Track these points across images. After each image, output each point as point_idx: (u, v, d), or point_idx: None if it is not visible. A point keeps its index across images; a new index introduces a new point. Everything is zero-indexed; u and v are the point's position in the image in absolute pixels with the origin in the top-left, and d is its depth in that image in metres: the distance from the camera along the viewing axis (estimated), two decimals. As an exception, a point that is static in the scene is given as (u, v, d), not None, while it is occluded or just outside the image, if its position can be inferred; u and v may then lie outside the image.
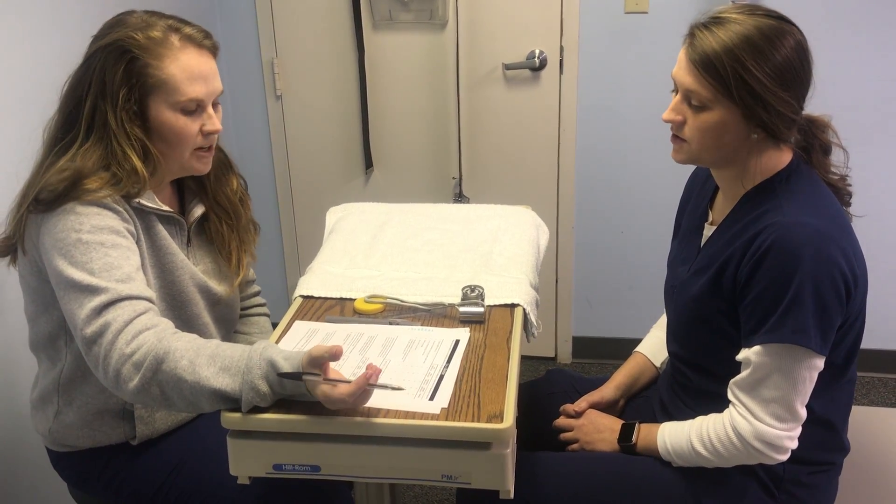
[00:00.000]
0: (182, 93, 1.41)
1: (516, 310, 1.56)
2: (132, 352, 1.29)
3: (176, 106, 1.42)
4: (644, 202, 2.93)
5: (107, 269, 1.34)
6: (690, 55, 1.35)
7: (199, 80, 1.43)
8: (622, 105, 2.84)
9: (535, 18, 2.79)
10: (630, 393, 1.78)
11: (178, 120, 1.43)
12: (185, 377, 1.27)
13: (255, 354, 1.27)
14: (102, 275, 1.34)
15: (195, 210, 1.60)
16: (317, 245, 1.88)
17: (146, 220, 1.48)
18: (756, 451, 1.38)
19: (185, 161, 1.49)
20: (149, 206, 1.47)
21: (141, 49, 1.39)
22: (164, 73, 1.40)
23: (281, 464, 1.29)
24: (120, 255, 1.37)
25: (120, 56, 1.39)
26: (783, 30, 1.34)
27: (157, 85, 1.41)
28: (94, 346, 1.31)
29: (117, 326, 1.30)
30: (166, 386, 1.28)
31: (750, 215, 1.41)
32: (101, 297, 1.32)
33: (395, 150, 3.03)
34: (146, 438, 1.58)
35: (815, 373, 1.35)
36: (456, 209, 2.03)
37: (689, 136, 1.41)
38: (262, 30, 2.94)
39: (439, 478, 1.27)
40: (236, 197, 1.65)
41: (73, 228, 1.36)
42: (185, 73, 1.41)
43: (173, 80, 1.41)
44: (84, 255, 1.35)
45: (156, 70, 1.40)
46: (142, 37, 1.40)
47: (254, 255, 1.73)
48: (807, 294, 1.30)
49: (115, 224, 1.39)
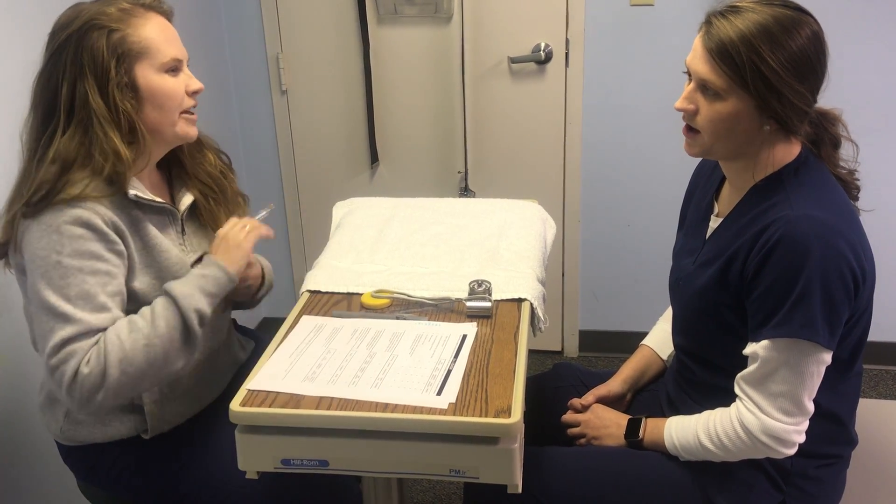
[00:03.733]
0: (164, 53, 1.48)
1: (523, 304, 1.56)
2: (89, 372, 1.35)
3: (162, 67, 1.48)
4: (650, 195, 2.93)
5: (82, 298, 1.38)
6: (706, 43, 1.35)
7: (172, 41, 1.51)
8: (628, 98, 2.83)
9: (540, 11, 2.78)
10: (637, 386, 1.78)
11: (166, 81, 1.48)
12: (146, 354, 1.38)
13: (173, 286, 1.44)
14: (78, 303, 1.38)
15: (184, 198, 1.63)
16: (323, 240, 1.88)
17: (136, 221, 1.49)
18: (763, 446, 1.38)
19: (176, 127, 1.52)
20: (143, 198, 1.49)
21: (116, 21, 1.44)
22: (144, 39, 1.46)
23: (289, 458, 1.29)
24: (97, 282, 1.40)
25: (98, 33, 1.43)
26: (800, 20, 1.34)
27: (141, 50, 1.46)
28: (55, 372, 1.37)
29: (77, 360, 1.36)
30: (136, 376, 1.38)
31: (758, 208, 1.40)
32: (72, 327, 1.36)
33: (400, 145, 3.03)
34: (158, 432, 1.59)
35: (822, 367, 1.35)
36: (462, 203, 2.03)
37: (701, 125, 1.40)
38: (267, 25, 2.94)
39: (447, 472, 1.27)
40: (217, 171, 1.69)
41: (54, 249, 1.38)
42: (161, 35, 1.49)
43: (154, 43, 1.47)
44: (62, 279, 1.37)
45: (135, 37, 1.45)
46: (112, 10, 1.45)
47: None
48: (815, 288, 1.30)
49: (95, 248, 1.41)
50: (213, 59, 2.92)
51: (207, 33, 2.87)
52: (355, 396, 1.29)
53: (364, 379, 1.33)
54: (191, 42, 1.54)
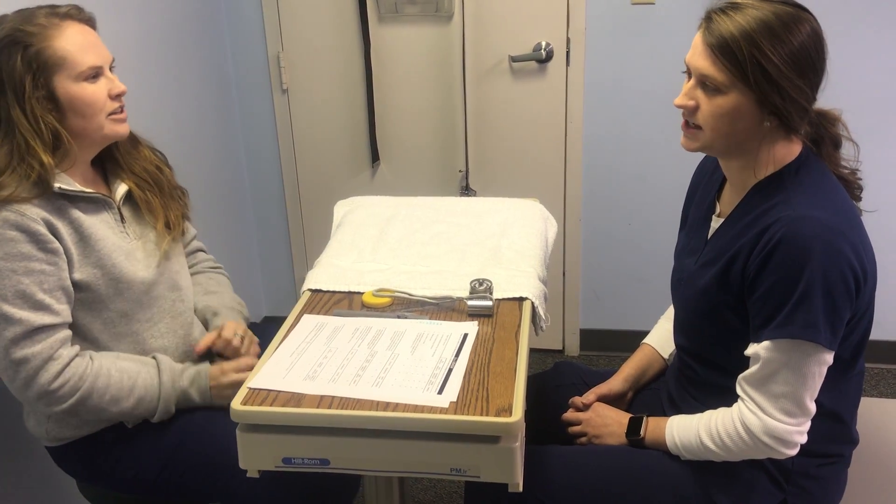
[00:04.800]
0: (80, 62, 1.50)
1: (525, 303, 1.56)
2: (56, 388, 1.47)
3: (79, 77, 1.50)
4: (651, 194, 2.93)
5: (20, 297, 1.45)
6: (707, 39, 1.35)
7: (89, 49, 1.52)
8: (629, 97, 2.83)
9: (541, 10, 2.78)
10: (638, 385, 1.78)
11: (84, 89, 1.51)
12: (110, 409, 1.54)
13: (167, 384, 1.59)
14: (16, 303, 1.44)
15: (119, 188, 1.66)
16: (324, 239, 1.88)
17: (67, 213, 1.52)
18: (765, 446, 1.38)
19: (104, 129, 1.55)
20: (70, 189, 1.52)
21: (30, 36, 1.47)
22: (59, 51, 1.48)
23: (290, 457, 1.30)
24: (32, 282, 1.45)
25: (13, 49, 1.46)
26: (800, 16, 1.34)
27: (57, 63, 1.48)
28: (9, 372, 1.46)
29: (37, 364, 1.45)
30: (93, 413, 1.55)
31: (759, 208, 1.40)
32: (14, 328, 1.44)
33: (401, 144, 3.03)
34: (139, 421, 1.63)
35: (824, 367, 1.35)
36: (464, 202, 2.03)
37: (702, 121, 1.40)
38: (267, 24, 2.93)
39: (448, 471, 1.27)
40: (152, 165, 1.72)
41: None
42: (76, 45, 1.50)
43: (69, 55, 1.49)
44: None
45: (50, 50, 1.48)
46: (28, 26, 1.47)
47: (189, 218, 1.82)
48: (816, 289, 1.30)
49: (27, 250, 1.45)
50: (214, 58, 2.91)
51: (208, 32, 2.87)
52: (356, 395, 1.29)
53: (365, 378, 1.33)
54: (191, 41, 1.54)
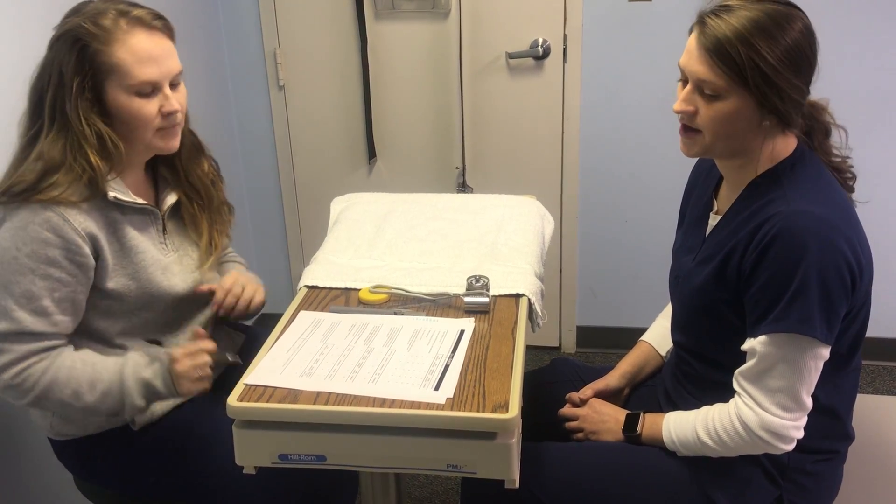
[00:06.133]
0: (133, 76, 1.44)
1: (521, 300, 1.56)
2: (18, 383, 1.44)
3: (130, 89, 1.45)
4: (648, 191, 2.93)
5: (25, 297, 1.42)
6: (703, 42, 1.34)
7: (149, 62, 1.45)
8: (626, 93, 2.83)
9: (538, 7, 2.78)
10: (635, 381, 1.78)
11: (133, 103, 1.46)
12: (73, 404, 1.47)
13: (129, 377, 1.49)
14: (20, 301, 1.42)
15: (168, 198, 1.63)
16: (321, 235, 1.88)
17: (114, 223, 1.50)
18: (762, 441, 1.38)
19: (149, 142, 1.51)
20: (124, 200, 1.50)
21: (90, 37, 1.42)
22: (115, 58, 1.43)
23: (286, 454, 1.29)
24: (45, 287, 1.43)
25: (72, 46, 1.43)
26: (791, 14, 1.34)
27: (109, 70, 1.44)
28: None
29: (8, 359, 1.43)
30: (57, 407, 1.51)
31: (755, 204, 1.40)
32: (5, 323, 1.43)
33: (398, 140, 3.03)
34: (145, 423, 1.60)
35: (820, 362, 1.35)
36: (460, 199, 2.03)
37: (702, 125, 1.39)
38: (264, 20, 2.93)
39: (445, 467, 1.27)
40: (208, 179, 1.69)
41: (15, 245, 1.41)
42: (135, 56, 1.44)
43: (124, 64, 1.43)
44: (12, 274, 1.41)
45: (106, 56, 1.43)
46: (91, 24, 1.43)
47: (229, 237, 1.78)
48: (812, 283, 1.30)
49: (54, 255, 1.43)
50: (211, 55, 2.91)
51: (204, 28, 2.86)
52: (353, 391, 1.29)
53: (362, 374, 1.33)
54: (188, 37, 1.54)
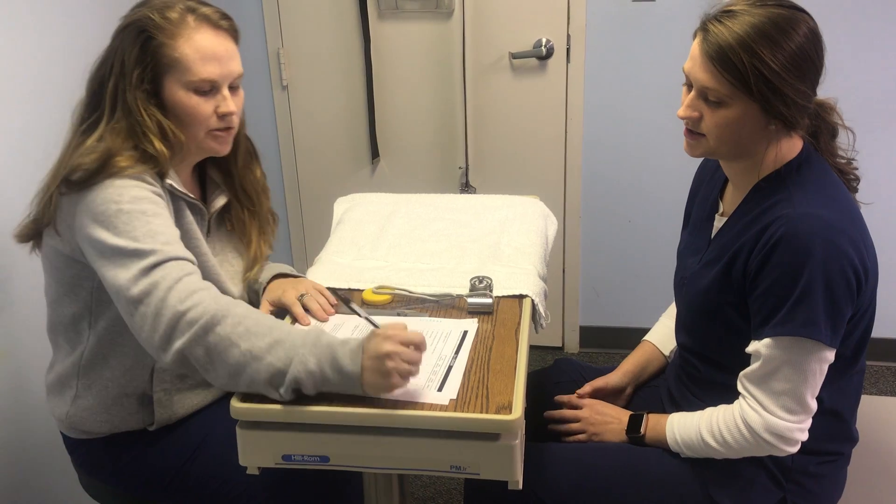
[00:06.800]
0: (194, 73, 1.43)
1: (525, 301, 1.56)
2: (187, 309, 1.29)
3: (189, 86, 1.44)
4: (651, 191, 2.92)
5: (150, 235, 1.36)
6: (705, 49, 1.34)
7: (212, 60, 1.44)
8: (629, 93, 2.83)
9: (541, 7, 2.78)
10: (638, 381, 1.78)
11: (190, 99, 1.45)
12: (239, 343, 1.27)
13: (313, 337, 1.29)
14: (146, 240, 1.35)
15: (217, 200, 1.62)
16: (324, 236, 1.88)
17: (176, 203, 1.50)
18: (766, 444, 1.38)
19: (200, 141, 1.50)
20: (179, 190, 1.49)
21: (156, 29, 1.42)
22: (178, 53, 1.42)
23: (290, 454, 1.30)
24: (162, 223, 1.38)
25: (137, 36, 1.42)
26: (795, 18, 1.33)
27: (171, 64, 1.43)
28: (140, 305, 1.31)
29: (167, 284, 1.31)
30: (214, 350, 1.28)
31: (760, 206, 1.40)
32: (147, 259, 1.33)
33: (401, 140, 3.03)
34: (164, 423, 1.58)
35: (825, 365, 1.35)
36: (464, 199, 2.03)
37: (706, 130, 1.39)
38: (268, 20, 2.93)
39: (448, 469, 1.27)
40: (259, 186, 1.68)
41: (112, 200, 1.37)
42: (199, 53, 1.43)
43: (186, 60, 1.43)
44: (127, 224, 1.35)
45: (169, 49, 1.42)
46: (158, 17, 1.42)
47: (272, 247, 1.75)
48: (817, 286, 1.30)
49: (152, 195, 1.40)
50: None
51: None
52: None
53: (365, 375, 1.33)
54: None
